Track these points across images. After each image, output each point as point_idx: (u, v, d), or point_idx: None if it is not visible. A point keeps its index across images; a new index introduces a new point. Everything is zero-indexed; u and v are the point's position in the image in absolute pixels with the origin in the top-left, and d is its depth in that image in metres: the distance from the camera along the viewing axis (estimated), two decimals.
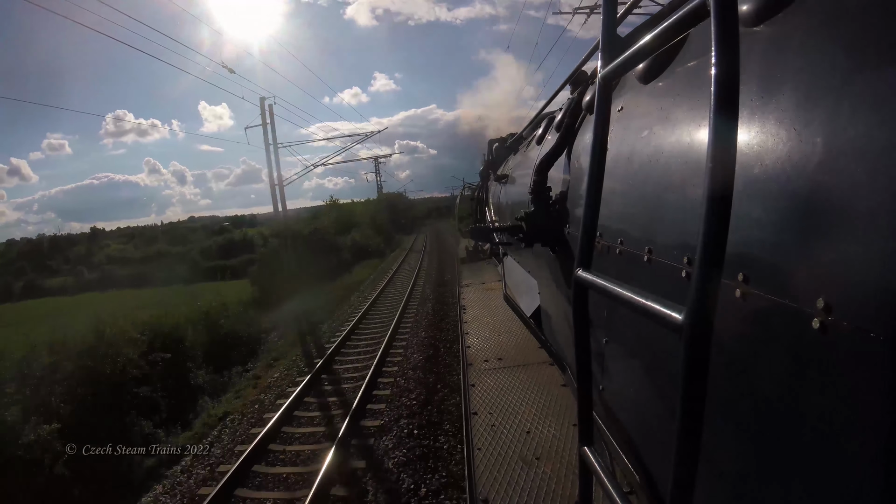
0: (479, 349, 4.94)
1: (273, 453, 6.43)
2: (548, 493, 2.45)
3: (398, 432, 6.57)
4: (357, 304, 15.43)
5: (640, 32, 1.56)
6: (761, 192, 0.85)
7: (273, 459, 6.30)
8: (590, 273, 1.09)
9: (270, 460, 6.28)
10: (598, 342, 1.78)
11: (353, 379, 8.69)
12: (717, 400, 0.88)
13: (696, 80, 1.21)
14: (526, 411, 3.36)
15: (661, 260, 1.25)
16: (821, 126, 0.74)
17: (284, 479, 5.84)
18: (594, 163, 1.15)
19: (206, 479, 6.06)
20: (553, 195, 2.60)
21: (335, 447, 6.02)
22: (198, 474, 6.23)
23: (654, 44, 0.92)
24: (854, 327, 0.64)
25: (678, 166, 1.21)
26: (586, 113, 2.36)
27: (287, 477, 5.87)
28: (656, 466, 1.40)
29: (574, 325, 1.21)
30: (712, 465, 1.00)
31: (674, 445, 0.71)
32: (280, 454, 6.40)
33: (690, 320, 0.68)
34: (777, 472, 0.83)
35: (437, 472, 5.63)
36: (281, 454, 6.40)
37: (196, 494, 5.77)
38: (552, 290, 3.14)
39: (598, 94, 1.16)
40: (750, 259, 0.87)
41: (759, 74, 0.91)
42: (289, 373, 9.70)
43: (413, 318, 12.72)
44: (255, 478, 5.89)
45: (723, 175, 0.66)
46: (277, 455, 6.38)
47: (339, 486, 5.48)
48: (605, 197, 1.19)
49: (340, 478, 5.62)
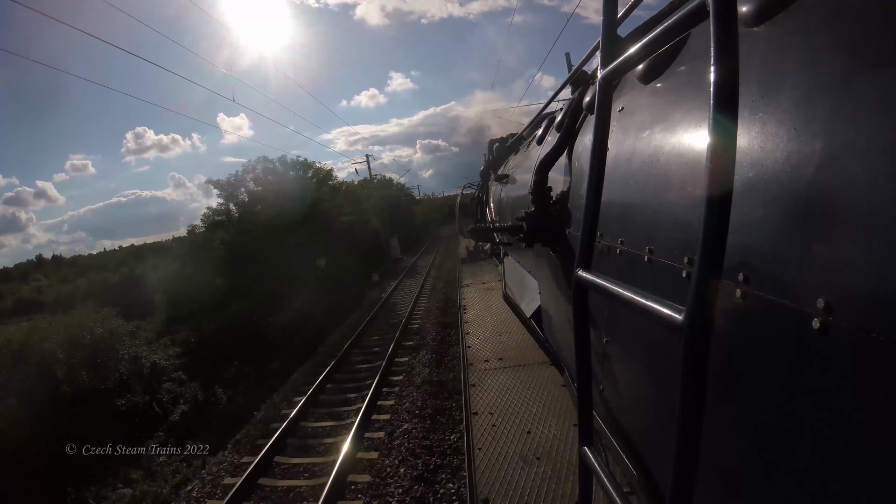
0: (480, 349, 4.94)
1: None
2: (548, 493, 2.45)
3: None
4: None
5: (640, 32, 1.56)
6: (761, 192, 0.85)
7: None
8: (590, 273, 1.09)
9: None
10: (599, 342, 1.78)
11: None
12: (717, 400, 0.88)
13: (696, 81, 1.21)
14: (526, 411, 3.36)
15: (662, 260, 1.25)
16: (821, 126, 0.74)
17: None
18: (594, 163, 1.15)
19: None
20: (553, 195, 2.60)
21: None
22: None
23: (654, 44, 0.92)
24: (854, 327, 0.64)
25: (678, 166, 1.21)
26: (587, 113, 2.36)
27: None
28: (656, 466, 1.40)
29: (574, 326, 1.21)
30: (712, 465, 1.00)
31: (674, 445, 0.71)
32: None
33: (690, 320, 0.68)
34: (777, 472, 0.83)
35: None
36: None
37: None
38: (552, 290, 3.14)
39: (599, 94, 1.17)
40: (750, 259, 0.87)
41: (759, 74, 0.91)
42: None
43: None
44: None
45: (723, 175, 0.66)
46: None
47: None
48: (605, 197, 1.19)
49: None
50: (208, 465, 7.03)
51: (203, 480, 6.48)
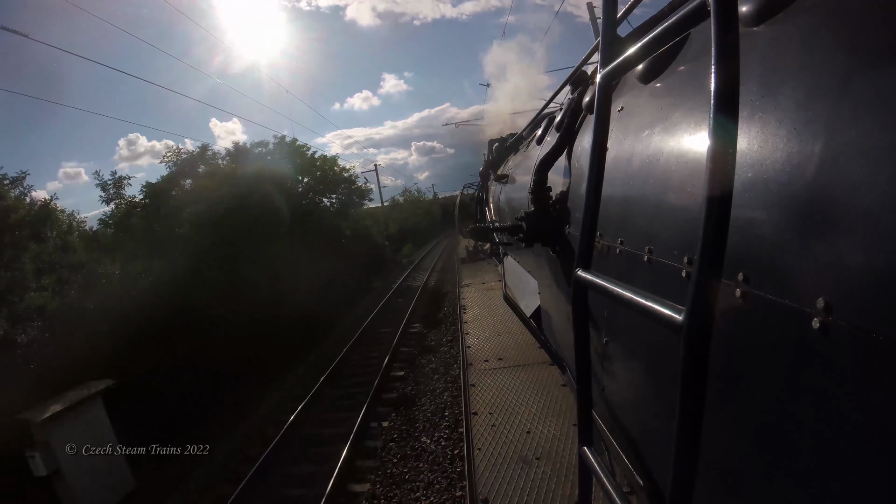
0: (480, 349, 4.95)
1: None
2: (548, 493, 2.45)
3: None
4: None
5: (640, 32, 1.56)
6: (761, 192, 0.85)
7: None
8: (590, 273, 1.09)
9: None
10: (599, 342, 1.78)
11: None
12: (717, 400, 0.88)
13: (696, 80, 1.21)
14: (526, 411, 3.36)
15: (662, 260, 1.25)
16: (821, 126, 0.74)
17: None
18: (594, 163, 1.15)
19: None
20: (553, 195, 2.60)
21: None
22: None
23: (654, 44, 0.92)
24: (854, 327, 0.64)
25: (678, 166, 1.21)
26: (586, 113, 2.36)
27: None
28: (656, 466, 1.40)
29: (574, 325, 1.21)
30: (712, 465, 1.00)
31: (673, 445, 0.71)
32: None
33: (690, 320, 0.68)
34: (777, 472, 0.83)
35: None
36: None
37: None
38: (552, 290, 3.14)
39: (598, 94, 1.17)
40: (750, 259, 0.87)
41: (759, 74, 0.91)
42: None
43: None
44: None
45: (723, 175, 0.66)
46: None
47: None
48: (605, 197, 1.19)
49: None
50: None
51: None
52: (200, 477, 6.93)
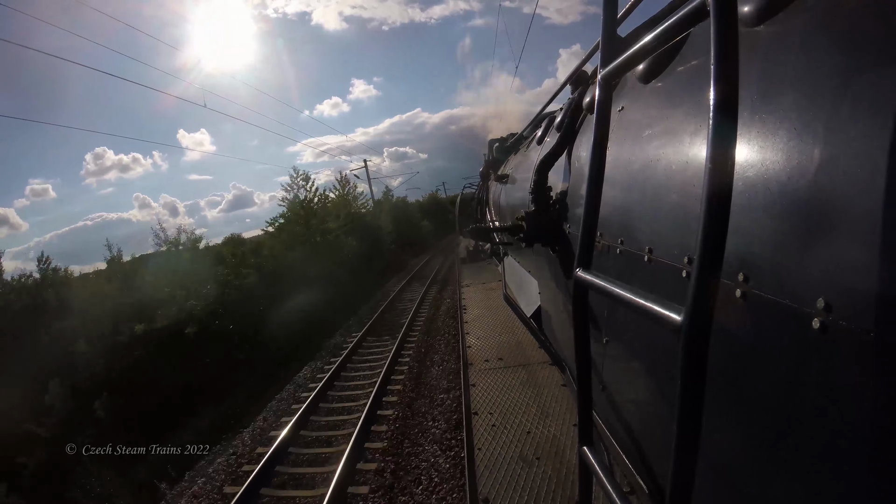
0: (480, 349, 4.94)
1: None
2: (548, 493, 2.45)
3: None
4: None
5: (640, 32, 1.56)
6: (761, 192, 0.85)
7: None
8: (590, 273, 1.09)
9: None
10: (599, 342, 1.78)
11: None
12: (717, 400, 0.88)
13: (696, 80, 1.21)
14: (526, 411, 3.36)
15: (662, 260, 1.25)
16: (820, 126, 0.74)
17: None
18: (594, 163, 1.15)
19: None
20: (553, 195, 2.60)
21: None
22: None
23: (654, 44, 0.92)
24: (854, 327, 0.64)
25: (678, 166, 1.21)
26: (586, 113, 2.36)
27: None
28: (656, 466, 1.40)
29: (574, 325, 1.21)
30: (712, 465, 1.00)
31: (673, 445, 0.71)
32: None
33: (689, 320, 0.68)
34: (777, 471, 0.83)
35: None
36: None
37: None
38: (552, 290, 3.14)
39: (599, 94, 1.16)
40: (750, 259, 0.87)
41: (759, 74, 0.91)
42: None
43: None
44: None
45: (722, 175, 0.66)
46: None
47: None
48: (605, 197, 1.19)
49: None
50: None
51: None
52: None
